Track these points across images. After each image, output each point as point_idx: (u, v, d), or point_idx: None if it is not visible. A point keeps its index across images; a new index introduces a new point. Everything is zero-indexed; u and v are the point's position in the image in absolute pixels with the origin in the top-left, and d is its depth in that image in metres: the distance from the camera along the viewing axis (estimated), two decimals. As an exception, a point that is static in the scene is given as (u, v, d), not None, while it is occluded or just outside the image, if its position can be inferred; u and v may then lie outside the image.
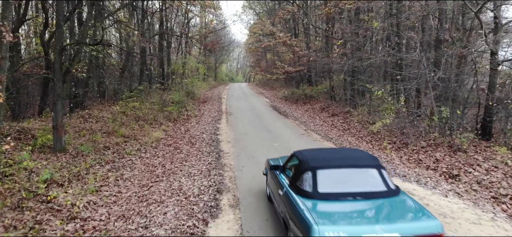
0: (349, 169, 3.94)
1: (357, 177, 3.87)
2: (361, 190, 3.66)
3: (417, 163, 8.21)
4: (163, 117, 14.07)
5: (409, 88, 9.96)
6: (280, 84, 38.07)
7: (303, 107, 19.89)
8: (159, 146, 9.93)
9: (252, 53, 56.67)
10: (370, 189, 3.68)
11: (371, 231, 2.98)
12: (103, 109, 15.32)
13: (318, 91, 21.80)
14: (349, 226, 3.16)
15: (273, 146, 9.37)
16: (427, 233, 3.06)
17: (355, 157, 4.40)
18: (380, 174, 3.83)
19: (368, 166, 3.99)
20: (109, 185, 6.69)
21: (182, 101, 17.90)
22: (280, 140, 10.13)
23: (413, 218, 3.40)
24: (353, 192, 3.61)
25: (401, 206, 3.57)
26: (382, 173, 3.84)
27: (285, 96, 26.13)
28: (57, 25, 8.90)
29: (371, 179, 3.79)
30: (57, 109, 8.69)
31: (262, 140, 10.18)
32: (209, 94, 29.79)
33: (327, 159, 4.27)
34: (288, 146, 9.43)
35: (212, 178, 6.46)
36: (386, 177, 3.85)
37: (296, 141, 9.99)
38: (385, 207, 3.55)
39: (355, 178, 3.85)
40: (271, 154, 7.96)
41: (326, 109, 17.21)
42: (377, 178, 3.78)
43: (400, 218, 3.38)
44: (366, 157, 4.27)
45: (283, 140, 10.17)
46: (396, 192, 3.73)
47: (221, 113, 16.75)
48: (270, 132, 11.43)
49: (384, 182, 3.75)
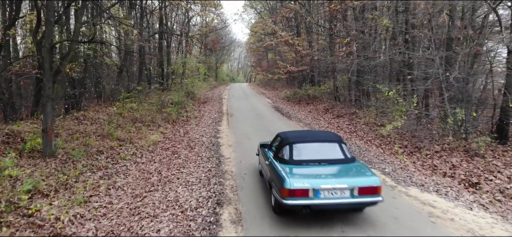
0: (317, 143, 5.35)
1: (322, 149, 5.19)
2: (324, 158, 5.03)
3: (433, 170, 7.63)
4: (162, 119, 13.51)
5: (422, 89, 9.37)
6: (281, 84, 37.47)
7: (306, 108, 19.31)
8: (156, 150, 9.37)
9: (253, 53, 56.12)
10: (331, 157, 5.07)
11: (327, 183, 4.36)
12: (99, 110, 14.77)
13: (322, 91, 21.22)
14: (312, 180, 4.45)
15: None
16: (367, 185, 4.40)
17: (322, 135, 6.23)
18: (340, 147, 5.23)
19: (331, 141, 5.40)
20: (100, 194, 6.12)
21: (182, 101, 17.35)
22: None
23: (359, 175, 4.69)
24: (318, 159, 5.01)
25: (353, 169, 4.90)
26: (342, 146, 5.26)
27: (287, 96, 25.55)
28: (46, 21, 8.34)
29: (333, 151, 5.16)
30: (47, 111, 8.13)
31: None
32: (210, 94, 29.22)
33: (301, 136, 5.75)
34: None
35: (212, 188, 5.89)
36: (345, 149, 5.26)
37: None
38: (341, 169, 4.89)
39: (321, 150, 5.17)
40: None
41: (331, 110, 16.63)
42: (338, 150, 5.18)
43: (350, 176, 4.67)
44: (331, 135, 5.94)
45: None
46: (352, 160, 5.13)
47: (221, 114, 16.18)
48: (273, 135, 10.84)
49: (343, 153, 5.15)
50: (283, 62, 25.26)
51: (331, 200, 4.34)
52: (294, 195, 4.26)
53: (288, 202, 4.27)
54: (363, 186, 4.40)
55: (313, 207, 4.33)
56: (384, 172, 6.95)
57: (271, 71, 43.89)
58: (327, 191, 4.33)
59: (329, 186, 4.34)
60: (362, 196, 4.39)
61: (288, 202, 4.27)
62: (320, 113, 16.69)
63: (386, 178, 6.58)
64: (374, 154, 8.56)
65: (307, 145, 5.30)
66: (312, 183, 4.36)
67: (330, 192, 4.33)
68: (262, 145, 6.60)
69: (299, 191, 4.27)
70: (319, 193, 4.31)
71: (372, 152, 8.78)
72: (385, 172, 6.98)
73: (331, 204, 4.37)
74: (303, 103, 21.02)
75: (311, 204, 4.30)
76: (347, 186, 4.37)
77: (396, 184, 6.22)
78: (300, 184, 4.31)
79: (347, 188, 4.36)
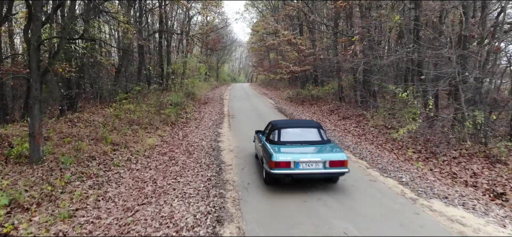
0: (300, 129, 6.62)
1: (304, 133, 6.39)
2: (305, 140, 6.21)
3: (452, 178, 6.99)
4: (160, 121, 12.91)
5: (435, 90, 8.72)
6: (284, 84, 36.82)
7: (310, 109, 18.67)
8: (153, 155, 8.75)
9: (255, 53, 55.51)
10: (311, 139, 6.23)
11: (305, 157, 5.48)
12: (95, 111, 14.18)
13: (325, 91, 20.59)
14: (294, 155, 5.53)
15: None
16: (336, 159, 5.48)
17: (305, 122, 7.90)
18: (318, 131, 6.42)
19: (312, 127, 6.65)
20: (88, 207, 5.52)
21: (181, 102, 16.74)
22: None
23: (331, 152, 5.76)
24: (300, 141, 6.18)
25: (327, 148, 6.04)
26: (320, 131, 6.45)
27: (289, 97, 24.91)
28: (33, 17, 7.75)
29: (312, 134, 6.34)
30: (34, 114, 7.53)
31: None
32: (211, 95, 28.61)
33: (288, 123, 7.44)
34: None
35: (211, 201, 5.27)
36: (322, 133, 6.43)
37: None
38: (317, 148, 6.01)
39: (303, 133, 6.37)
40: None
41: (336, 111, 15.99)
42: (316, 133, 6.37)
43: (323, 152, 5.78)
44: (312, 123, 7.21)
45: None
46: (327, 141, 6.32)
47: (223, 116, 15.56)
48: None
49: (320, 136, 6.33)
50: (285, 62, 24.61)
51: (308, 170, 5.51)
52: (279, 166, 5.45)
53: (274, 171, 5.49)
54: (333, 160, 5.57)
55: (294, 176, 5.56)
56: (401, 182, 6.32)
57: (273, 71, 43.31)
58: (305, 163, 5.50)
59: (306, 159, 5.53)
60: (332, 168, 5.55)
61: (274, 172, 5.49)
62: (325, 115, 16.05)
63: (404, 189, 5.94)
64: (387, 160, 7.91)
65: (292, 130, 6.55)
66: (293, 157, 5.52)
67: (307, 164, 5.51)
68: (257, 132, 7.92)
69: (283, 163, 5.45)
70: (299, 164, 5.49)
71: (385, 158, 8.13)
72: (402, 181, 6.34)
73: (308, 173, 5.56)
74: (306, 104, 20.39)
75: (292, 173, 5.51)
76: (320, 159, 5.54)
77: (417, 197, 5.59)
78: (284, 158, 5.50)
79: (321, 161, 5.53)
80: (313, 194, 5.66)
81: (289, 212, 4.90)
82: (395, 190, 5.82)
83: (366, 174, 6.81)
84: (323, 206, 5.16)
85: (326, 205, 5.19)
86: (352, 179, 6.35)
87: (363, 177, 6.60)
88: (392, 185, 6.09)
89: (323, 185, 6.03)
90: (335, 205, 5.16)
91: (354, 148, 9.07)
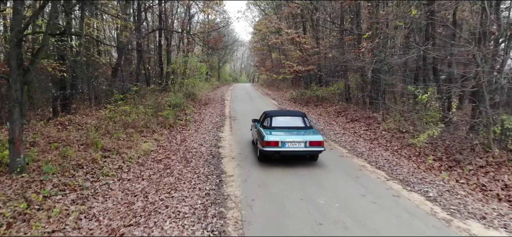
0: (288, 117, 8.27)
1: (291, 120, 8.02)
2: (292, 125, 7.81)
3: (482, 191, 6.18)
4: (157, 123, 12.14)
5: (460, 91, 7.89)
6: (286, 84, 36.00)
7: (315, 110, 17.87)
8: (147, 163, 7.98)
9: (257, 52, 54.74)
10: (296, 125, 7.84)
11: (290, 138, 7.00)
12: (89, 113, 13.44)
13: (331, 92, 19.77)
14: (282, 136, 7.06)
15: (291, 168, 7.37)
16: (314, 140, 7.02)
17: (292, 112, 9.36)
18: (302, 119, 8.05)
19: (297, 116, 8.32)
20: (66, 228, 4.74)
21: (181, 104, 15.97)
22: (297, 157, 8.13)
23: (311, 135, 7.27)
24: (288, 126, 7.76)
25: (308, 132, 7.54)
26: (304, 119, 8.07)
27: (293, 97, 24.11)
28: (14, 10, 6.99)
29: (298, 121, 7.98)
30: (14, 118, 6.77)
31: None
32: (212, 95, 27.85)
33: (278, 113, 8.75)
34: (309, 164, 7.49)
35: (209, 223, 4.47)
36: (305, 121, 8.05)
37: (320, 157, 7.99)
38: (301, 132, 7.54)
39: (290, 121, 7.99)
40: (290, 181, 6.04)
41: (343, 113, 15.18)
42: (301, 121, 8.00)
43: (305, 135, 7.26)
44: (298, 112, 8.72)
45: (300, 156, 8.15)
46: (310, 127, 7.94)
47: (224, 118, 14.78)
48: None
49: (304, 123, 7.94)
50: (289, 61, 23.82)
51: (292, 148, 6.94)
52: (269, 145, 6.89)
53: (266, 149, 6.92)
54: (312, 140, 7.00)
55: (281, 153, 6.98)
56: (428, 198, 5.50)
57: (275, 71, 42.53)
58: (290, 143, 6.94)
59: (291, 140, 6.98)
60: (311, 147, 6.98)
61: (266, 149, 6.92)
62: (332, 116, 15.25)
63: (434, 206, 5.13)
64: (408, 170, 7.10)
65: (281, 118, 8.15)
66: (281, 138, 6.97)
67: (292, 144, 6.94)
68: (253, 120, 9.18)
69: (273, 142, 6.88)
70: (285, 144, 6.91)
71: (404, 167, 7.31)
72: (429, 197, 5.53)
73: (292, 151, 6.98)
74: (311, 105, 19.59)
75: (279, 150, 6.93)
76: (302, 140, 6.98)
77: (451, 217, 4.78)
78: (273, 138, 6.95)
79: (302, 141, 6.98)
80: (329, 217, 4.86)
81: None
82: (423, 209, 5.01)
83: (386, 187, 6.00)
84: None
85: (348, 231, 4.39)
86: (372, 195, 5.54)
87: (384, 191, 5.78)
88: (419, 202, 5.27)
89: (341, 206, 5.21)
90: (358, 231, 4.35)
91: (369, 156, 8.26)
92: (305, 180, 6.27)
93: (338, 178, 6.50)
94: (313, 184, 6.04)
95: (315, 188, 5.82)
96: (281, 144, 6.87)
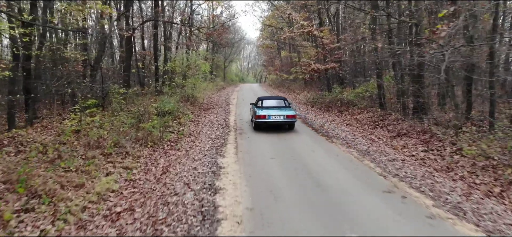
0: (274, 100, 12.16)
1: (276, 102, 11.88)
2: (276, 106, 11.59)
3: None
4: (135, 141, 8.90)
5: None
6: (298, 85, 32.54)
7: (341, 117, 14.45)
8: (93, 221, 4.72)
9: (265, 51, 51.41)
10: (279, 105, 11.65)
11: (274, 113, 10.81)
12: (49, 125, 10.29)
13: (358, 95, 16.33)
14: (268, 112, 10.84)
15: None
16: (290, 114, 10.86)
17: (278, 97, 12.89)
18: (284, 101, 11.96)
19: (280, 99, 12.25)
20: None
21: (174, 110, 12.74)
22: (356, 218, 4.75)
23: (288, 111, 11.03)
24: (273, 106, 11.49)
25: (287, 109, 11.29)
26: (285, 101, 11.99)
27: (309, 101, 20.74)
28: None
29: (280, 103, 11.86)
30: None
31: (316, 216, 4.74)
32: (215, 97, 24.62)
33: (268, 97, 12.60)
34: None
35: None
36: (286, 102, 11.95)
37: (389, 220, 4.64)
38: (282, 109, 11.18)
39: (276, 103, 11.80)
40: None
41: (381, 123, 11.74)
42: (283, 103, 11.87)
43: (284, 111, 11.00)
44: (281, 97, 12.70)
45: (362, 218, 4.74)
46: (289, 106, 11.73)
47: (227, 131, 11.46)
48: (320, 187, 5.85)
49: (285, 104, 11.78)
50: (305, 59, 20.44)
51: (275, 119, 10.73)
52: (259, 117, 10.74)
53: (257, 120, 10.84)
54: (288, 114, 10.79)
55: (268, 123, 10.80)
56: None
57: (285, 70, 39.10)
58: (273, 116, 10.70)
59: (274, 114, 10.76)
60: (288, 119, 10.76)
61: (257, 121, 10.85)
62: (367, 128, 11.81)
63: None
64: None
65: (270, 101, 11.98)
66: (267, 113, 10.75)
67: (274, 117, 10.71)
68: (251, 104, 13.21)
69: (262, 115, 10.71)
70: (270, 117, 10.69)
71: None
72: None
73: (275, 121, 10.76)
74: (334, 110, 16.17)
75: (266, 121, 10.75)
76: (281, 114, 10.76)
77: None
78: (262, 113, 10.78)
79: (282, 115, 10.74)
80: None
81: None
82: None
83: None
84: None
85: None
86: None
87: None
88: None
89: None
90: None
91: (474, 211, 4.81)
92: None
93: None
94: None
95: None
96: (268, 117, 10.68)
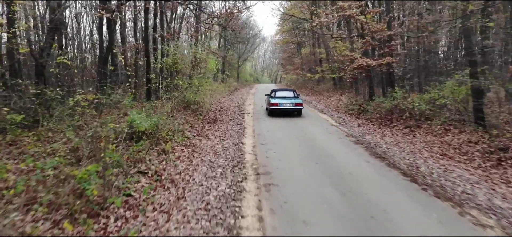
0: (285, 91, 15.92)
1: (287, 93, 15.37)
2: (287, 95, 15.03)
3: None
4: (66, 195, 4.15)
5: None
6: (326, 86, 27.36)
7: (420, 139, 9.31)
8: None
9: (282, 48, 46.40)
10: (289, 95, 15.02)
11: (285, 101, 13.96)
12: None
13: (431, 102, 11.16)
14: (280, 100, 14.03)
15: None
16: (298, 102, 13.97)
17: (288, 89, 16.93)
18: (294, 92, 15.36)
19: (290, 90, 15.93)
20: None
21: (156, 130, 8.00)
22: None
23: (296, 100, 14.29)
24: (284, 96, 14.94)
25: (295, 99, 14.50)
26: (294, 92, 15.44)
27: (348, 108, 15.69)
28: None
29: (291, 94, 15.24)
30: None
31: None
32: (226, 102, 19.84)
33: (280, 89, 16.46)
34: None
35: None
36: (295, 93, 15.33)
37: None
38: (291, 99, 14.43)
39: (286, 93, 15.31)
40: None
41: (502, 155, 6.59)
42: (293, 93, 15.25)
43: (293, 100, 14.20)
44: (291, 89, 16.43)
45: None
46: (297, 96, 15.05)
47: (240, 177, 6.53)
48: None
49: (294, 95, 15.09)
50: (350, 53, 15.43)
51: (286, 107, 13.62)
52: (273, 105, 13.76)
53: (271, 107, 13.86)
54: (296, 102, 13.73)
55: (281, 109, 13.68)
56: None
57: (307, 69, 33.95)
58: (284, 104, 13.62)
59: (284, 102, 13.69)
60: (295, 106, 13.64)
61: (271, 108, 13.88)
62: (468, 160, 6.66)
63: None
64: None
65: (281, 92, 15.31)
66: (279, 102, 13.73)
67: (285, 105, 13.61)
68: (266, 95, 16.65)
69: (275, 103, 13.72)
70: (282, 104, 13.62)
71: None
72: None
73: (285, 108, 13.65)
74: (396, 125, 11.05)
75: (279, 108, 13.65)
76: (291, 102, 13.70)
77: None
78: (275, 101, 13.87)
79: (291, 103, 13.66)
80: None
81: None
82: None
83: None
84: None
85: None
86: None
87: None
88: None
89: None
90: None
91: None
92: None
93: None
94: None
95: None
96: (280, 104, 13.62)
